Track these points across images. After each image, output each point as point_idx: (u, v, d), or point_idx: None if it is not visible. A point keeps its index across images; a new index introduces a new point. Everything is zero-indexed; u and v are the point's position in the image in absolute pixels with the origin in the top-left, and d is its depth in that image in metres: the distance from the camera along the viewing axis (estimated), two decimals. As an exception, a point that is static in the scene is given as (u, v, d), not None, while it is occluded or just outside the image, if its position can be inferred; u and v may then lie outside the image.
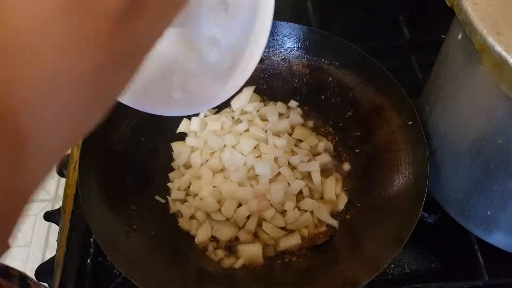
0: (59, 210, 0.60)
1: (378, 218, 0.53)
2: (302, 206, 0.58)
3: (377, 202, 0.55)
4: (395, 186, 0.54)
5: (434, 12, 0.57)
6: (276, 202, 0.57)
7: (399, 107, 0.58)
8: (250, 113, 0.65)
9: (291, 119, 0.64)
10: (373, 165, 0.59)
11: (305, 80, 0.66)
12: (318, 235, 0.56)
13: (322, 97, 0.65)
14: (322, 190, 0.59)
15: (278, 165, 0.60)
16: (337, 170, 0.61)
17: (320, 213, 0.57)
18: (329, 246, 0.55)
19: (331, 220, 0.57)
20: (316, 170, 0.60)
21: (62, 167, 0.64)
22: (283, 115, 0.65)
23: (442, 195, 0.55)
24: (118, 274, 0.54)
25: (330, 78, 0.64)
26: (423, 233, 0.50)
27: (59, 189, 1.34)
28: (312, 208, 0.57)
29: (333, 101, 0.65)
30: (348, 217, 0.57)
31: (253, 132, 0.62)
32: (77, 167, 0.55)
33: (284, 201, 0.57)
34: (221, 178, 0.59)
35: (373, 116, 0.60)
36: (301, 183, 0.59)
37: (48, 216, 0.62)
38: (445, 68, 0.50)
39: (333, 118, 0.65)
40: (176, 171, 0.62)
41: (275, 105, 0.66)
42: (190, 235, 0.57)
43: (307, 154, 0.61)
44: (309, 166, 0.60)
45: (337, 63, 0.64)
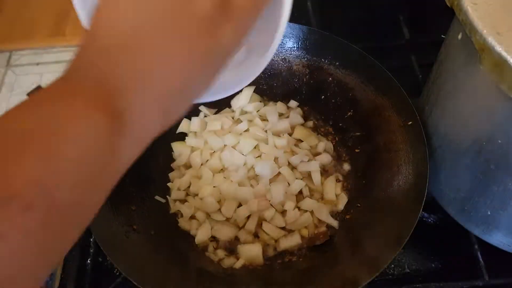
0: (59, 210, 0.60)
1: (378, 218, 0.53)
2: (302, 206, 0.58)
3: (377, 202, 0.55)
4: (395, 186, 0.54)
5: (434, 12, 0.57)
6: (276, 202, 0.57)
7: (399, 107, 0.58)
8: (250, 113, 0.65)
9: (291, 119, 0.64)
10: (373, 165, 0.59)
11: (305, 80, 0.66)
12: (318, 235, 0.56)
13: (322, 97, 0.65)
14: (322, 190, 0.59)
15: (278, 165, 0.60)
16: (337, 170, 0.61)
17: (320, 213, 0.57)
18: (329, 246, 0.55)
19: (331, 220, 0.57)
20: (316, 170, 0.60)
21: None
22: (283, 115, 0.65)
23: (442, 195, 0.55)
24: (118, 274, 0.54)
25: (330, 78, 0.64)
26: (423, 233, 0.50)
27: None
28: (312, 208, 0.57)
29: (333, 101, 0.65)
30: (348, 217, 0.57)
31: (253, 132, 0.62)
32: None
33: (284, 201, 0.57)
34: (221, 178, 0.59)
35: (373, 116, 0.60)
36: (301, 183, 0.59)
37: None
38: (445, 68, 0.50)
39: (333, 118, 0.65)
40: (176, 171, 0.62)
41: (275, 105, 0.66)
42: (190, 235, 0.56)
43: (307, 154, 0.61)
44: (309, 166, 0.60)
45: (337, 63, 0.64)
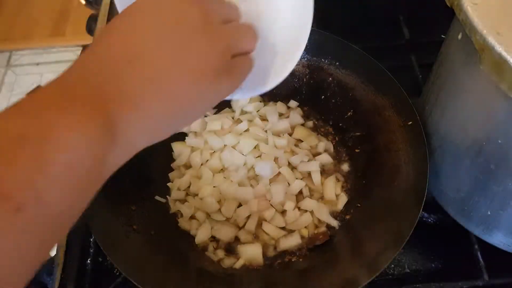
0: (59, 210, 0.60)
1: (378, 218, 0.53)
2: (302, 206, 0.58)
3: (377, 202, 0.55)
4: (395, 186, 0.54)
5: (434, 12, 0.57)
6: (276, 202, 0.57)
7: (399, 107, 0.58)
8: (250, 113, 0.65)
9: (291, 119, 0.64)
10: (373, 165, 0.59)
11: (305, 80, 0.66)
12: (318, 235, 0.56)
13: (322, 97, 0.65)
14: (322, 190, 0.59)
15: (278, 165, 0.60)
16: (337, 170, 0.61)
17: (320, 213, 0.57)
18: (329, 246, 0.55)
19: (331, 220, 0.57)
20: (316, 170, 0.60)
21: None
22: (283, 115, 0.65)
23: (442, 195, 0.55)
24: (118, 274, 0.54)
25: (330, 78, 0.64)
26: (423, 233, 0.50)
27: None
28: (312, 208, 0.57)
29: (333, 101, 0.65)
30: (348, 217, 0.57)
31: (253, 132, 0.62)
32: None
33: (284, 201, 0.57)
34: (221, 178, 0.59)
35: (373, 116, 0.60)
36: (301, 183, 0.59)
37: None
38: (445, 68, 0.50)
39: (333, 118, 0.65)
40: (176, 171, 0.62)
41: (275, 105, 0.66)
42: (190, 235, 0.56)
43: (307, 154, 0.61)
44: (309, 166, 0.60)
45: (337, 63, 0.64)
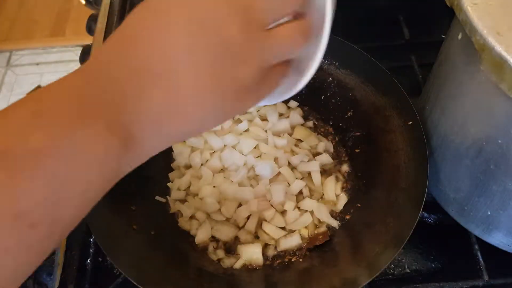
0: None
1: (378, 218, 0.53)
2: (302, 206, 0.58)
3: (377, 202, 0.55)
4: (395, 186, 0.54)
5: (434, 12, 0.57)
6: (276, 202, 0.57)
7: (399, 107, 0.58)
8: (250, 113, 0.65)
9: (291, 119, 0.64)
10: (373, 165, 0.59)
11: (305, 80, 0.66)
12: (318, 235, 0.56)
13: (322, 97, 0.65)
14: (322, 190, 0.59)
15: (278, 165, 0.60)
16: (337, 170, 0.61)
17: (320, 213, 0.57)
18: (329, 246, 0.55)
19: (331, 220, 0.57)
20: (316, 170, 0.60)
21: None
22: (283, 115, 0.65)
23: (442, 195, 0.55)
24: (118, 274, 0.54)
25: (330, 78, 0.64)
26: (423, 233, 0.50)
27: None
28: (312, 208, 0.57)
29: (333, 101, 0.65)
30: (348, 217, 0.57)
31: (253, 132, 0.62)
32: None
33: (284, 201, 0.57)
34: (221, 178, 0.59)
35: (373, 116, 0.60)
36: (301, 183, 0.59)
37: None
38: (445, 68, 0.50)
39: (333, 118, 0.65)
40: (176, 171, 0.62)
41: (275, 105, 0.66)
42: (190, 235, 0.56)
43: (307, 154, 0.61)
44: (309, 166, 0.60)
45: (337, 63, 0.64)
